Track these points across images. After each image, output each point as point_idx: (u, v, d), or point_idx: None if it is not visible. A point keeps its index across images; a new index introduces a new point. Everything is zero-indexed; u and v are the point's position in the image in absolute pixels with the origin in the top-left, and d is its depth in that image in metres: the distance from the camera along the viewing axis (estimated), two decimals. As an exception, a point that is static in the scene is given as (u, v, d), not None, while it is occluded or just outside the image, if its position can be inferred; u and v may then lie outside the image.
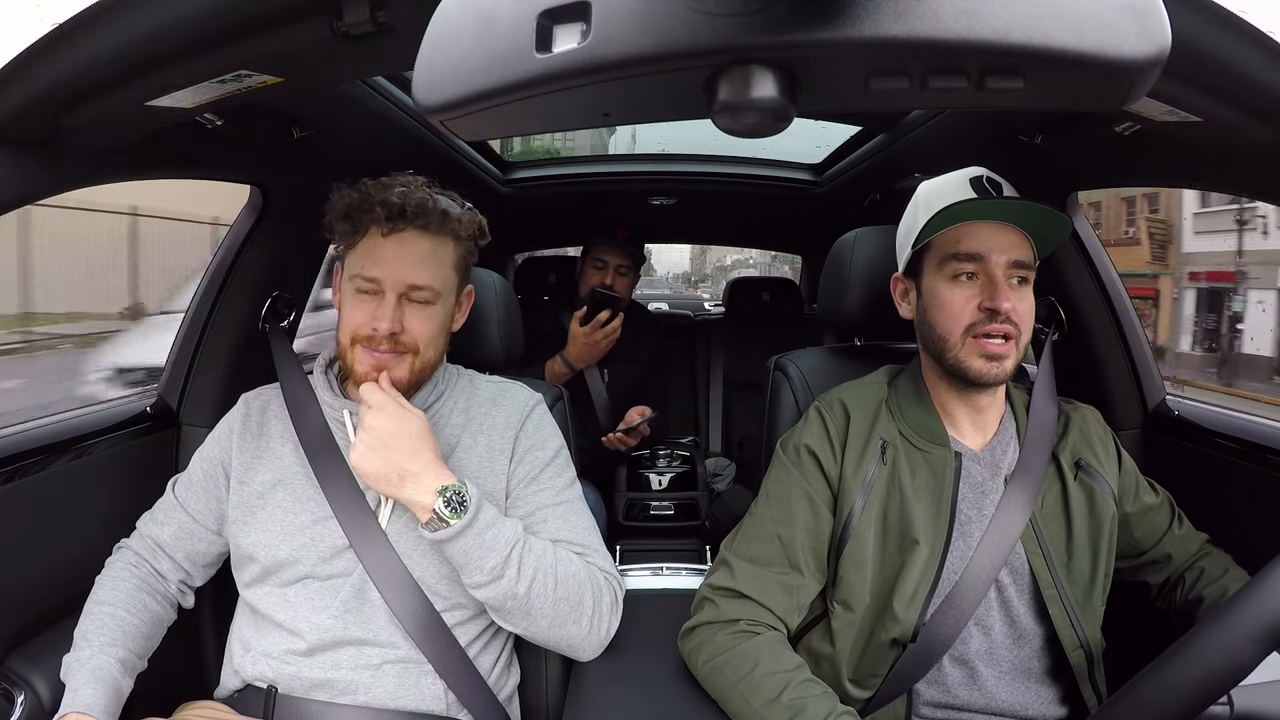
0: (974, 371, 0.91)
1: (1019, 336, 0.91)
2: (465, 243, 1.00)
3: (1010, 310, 0.89)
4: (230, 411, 1.09)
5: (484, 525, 0.88)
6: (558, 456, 1.05)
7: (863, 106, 0.46)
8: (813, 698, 0.83)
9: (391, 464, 0.89)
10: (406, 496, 0.89)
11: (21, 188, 0.83)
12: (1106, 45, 0.37)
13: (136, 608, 0.97)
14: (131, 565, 1.02)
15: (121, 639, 0.93)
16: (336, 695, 0.93)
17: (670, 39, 0.38)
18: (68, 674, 0.89)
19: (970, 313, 0.91)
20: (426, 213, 0.93)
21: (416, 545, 0.96)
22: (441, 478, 0.89)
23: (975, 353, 0.91)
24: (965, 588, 0.91)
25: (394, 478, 0.89)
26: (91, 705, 0.85)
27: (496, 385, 1.09)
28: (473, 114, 0.44)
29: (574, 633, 0.94)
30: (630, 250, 2.04)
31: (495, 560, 0.88)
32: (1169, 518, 1.03)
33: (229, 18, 0.66)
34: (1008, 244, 0.91)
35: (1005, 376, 0.92)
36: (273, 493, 0.99)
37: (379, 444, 0.89)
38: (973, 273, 0.92)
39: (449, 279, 0.98)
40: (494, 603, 0.91)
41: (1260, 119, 0.70)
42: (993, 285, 0.90)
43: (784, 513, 0.96)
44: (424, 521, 0.88)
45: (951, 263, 0.93)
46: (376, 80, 1.16)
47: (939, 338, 0.94)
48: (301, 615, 0.94)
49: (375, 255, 0.94)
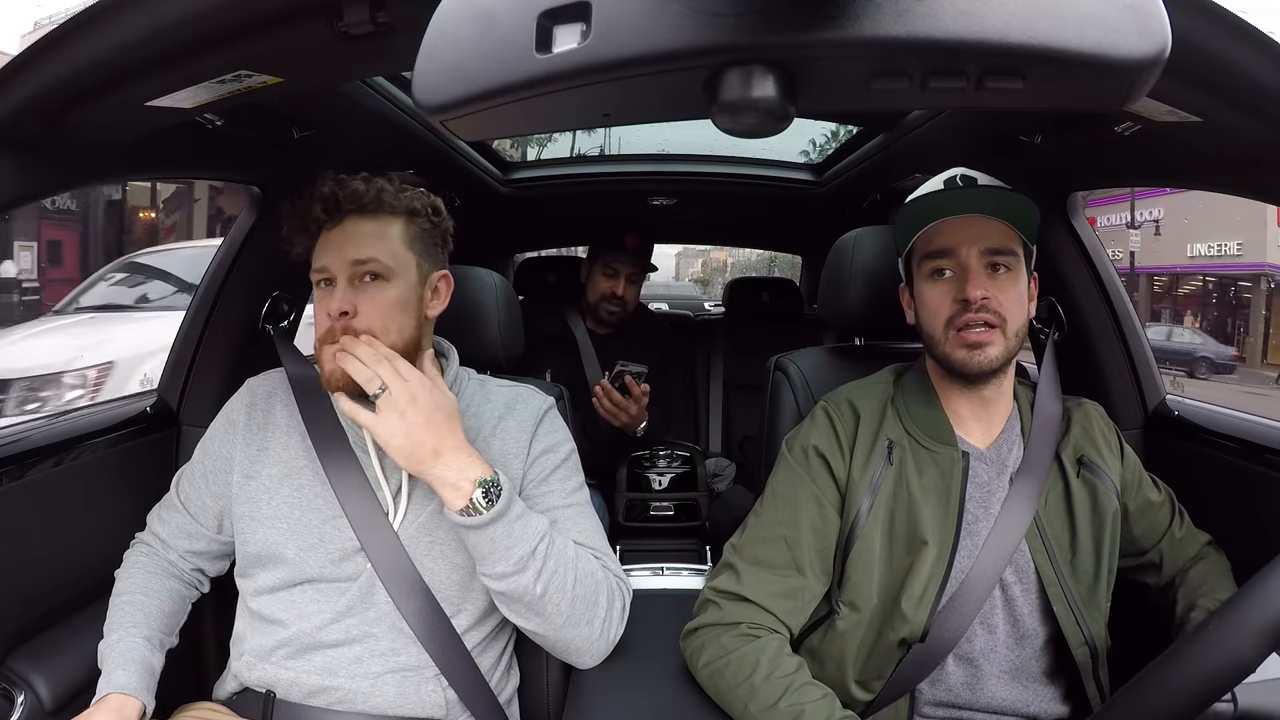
0: (958, 363, 0.92)
1: (1004, 325, 0.91)
2: (416, 220, 0.97)
3: (983, 298, 0.90)
4: (233, 399, 1.06)
5: (516, 515, 0.87)
6: (569, 460, 1.05)
7: (863, 106, 0.46)
8: (812, 702, 0.83)
9: (425, 440, 0.85)
10: (437, 474, 0.85)
11: (21, 188, 0.83)
12: (1106, 45, 0.37)
13: (153, 589, 0.99)
14: (144, 555, 1.03)
15: (143, 620, 0.95)
16: (335, 703, 0.92)
17: (670, 39, 0.38)
18: (101, 661, 0.91)
19: (948, 306, 0.92)
20: (360, 196, 0.94)
21: (429, 548, 0.95)
22: (477, 465, 0.87)
23: (957, 345, 0.92)
24: (971, 587, 0.91)
25: (427, 454, 0.85)
26: (125, 685, 0.88)
27: (510, 390, 1.08)
28: (473, 114, 0.43)
29: (585, 634, 0.93)
30: (640, 257, 2.03)
31: (523, 550, 0.87)
32: (1169, 517, 1.03)
33: (229, 18, 0.66)
34: (978, 234, 0.92)
35: (991, 364, 0.91)
36: (279, 487, 0.97)
37: (417, 416, 0.85)
38: (948, 268, 0.93)
39: (399, 254, 0.95)
40: (513, 594, 0.89)
41: (1260, 119, 0.70)
42: (964, 276, 0.91)
43: (790, 514, 0.95)
44: (458, 507, 0.85)
45: (927, 261, 0.94)
46: (376, 80, 1.16)
47: (928, 336, 0.95)
48: (304, 617, 0.93)
49: (323, 248, 0.95)
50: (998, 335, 0.91)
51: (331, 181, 0.94)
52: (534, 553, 0.87)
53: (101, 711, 0.85)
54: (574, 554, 0.93)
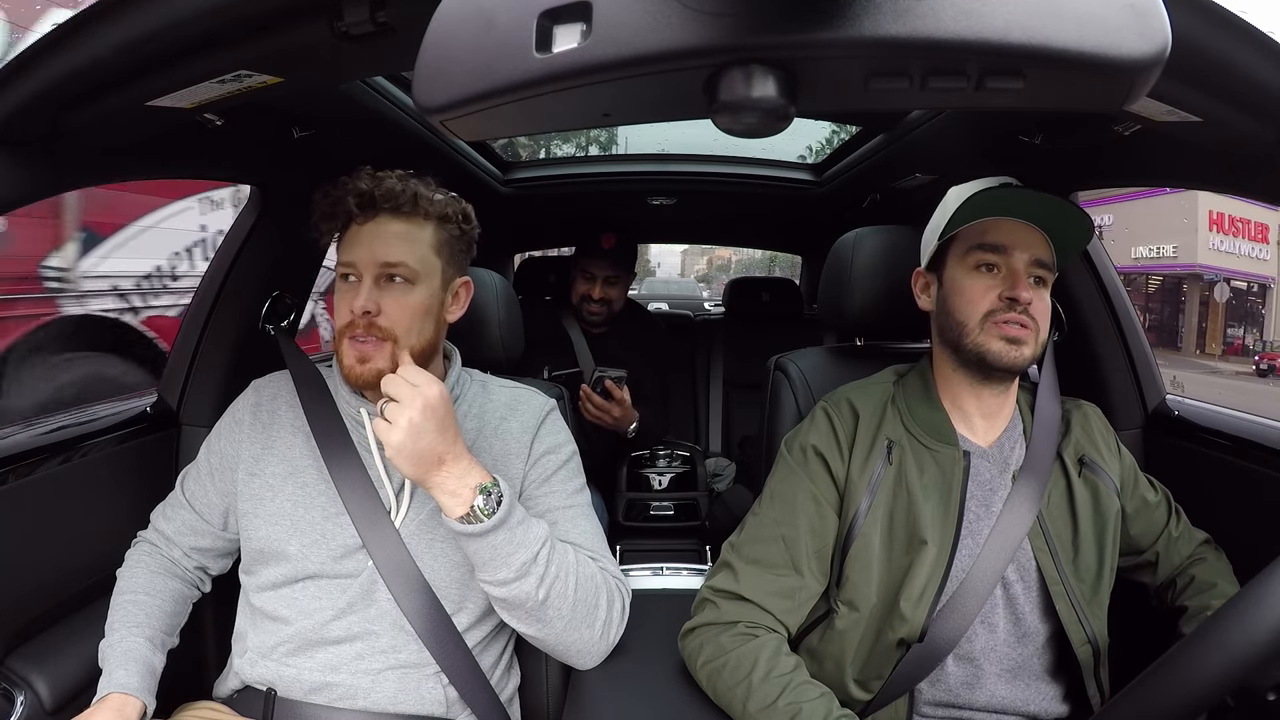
0: (993, 354, 0.92)
1: (1036, 331, 0.93)
2: (446, 226, 0.98)
3: (1028, 303, 0.91)
4: (239, 399, 1.07)
5: (517, 521, 0.87)
6: (570, 461, 1.05)
7: (863, 106, 0.46)
8: (809, 701, 0.83)
9: (434, 447, 0.85)
10: (439, 482, 0.85)
11: (21, 188, 0.83)
12: (1106, 45, 0.37)
13: (155, 589, 0.99)
14: (146, 554, 1.04)
15: (144, 620, 0.95)
16: (336, 700, 0.93)
17: (670, 39, 0.38)
18: (102, 660, 0.92)
19: (990, 300, 0.93)
20: (396, 196, 0.94)
21: (429, 546, 0.96)
22: (477, 473, 0.87)
23: (995, 335, 0.93)
24: (972, 586, 0.91)
25: (433, 461, 0.85)
26: (127, 684, 0.88)
27: (511, 390, 1.08)
28: (473, 114, 0.43)
29: (586, 637, 0.93)
30: (617, 259, 2.00)
31: (525, 556, 0.87)
32: (1166, 516, 1.03)
33: (229, 18, 0.66)
34: (1031, 241, 0.94)
35: (1023, 362, 0.93)
36: (283, 485, 0.98)
37: (426, 424, 0.84)
38: (995, 264, 0.94)
39: (427, 259, 0.96)
40: (514, 601, 0.89)
41: (1260, 119, 0.70)
42: (1014, 277, 0.93)
43: (788, 514, 0.96)
44: (459, 514, 0.85)
45: (976, 252, 0.95)
46: (376, 80, 1.16)
47: (958, 324, 0.95)
48: (307, 614, 0.94)
49: (352, 242, 0.95)
50: (1032, 338, 0.93)
51: (368, 176, 0.94)
52: (536, 558, 0.87)
53: (103, 711, 0.86)
54: (574, 558, 0.93)
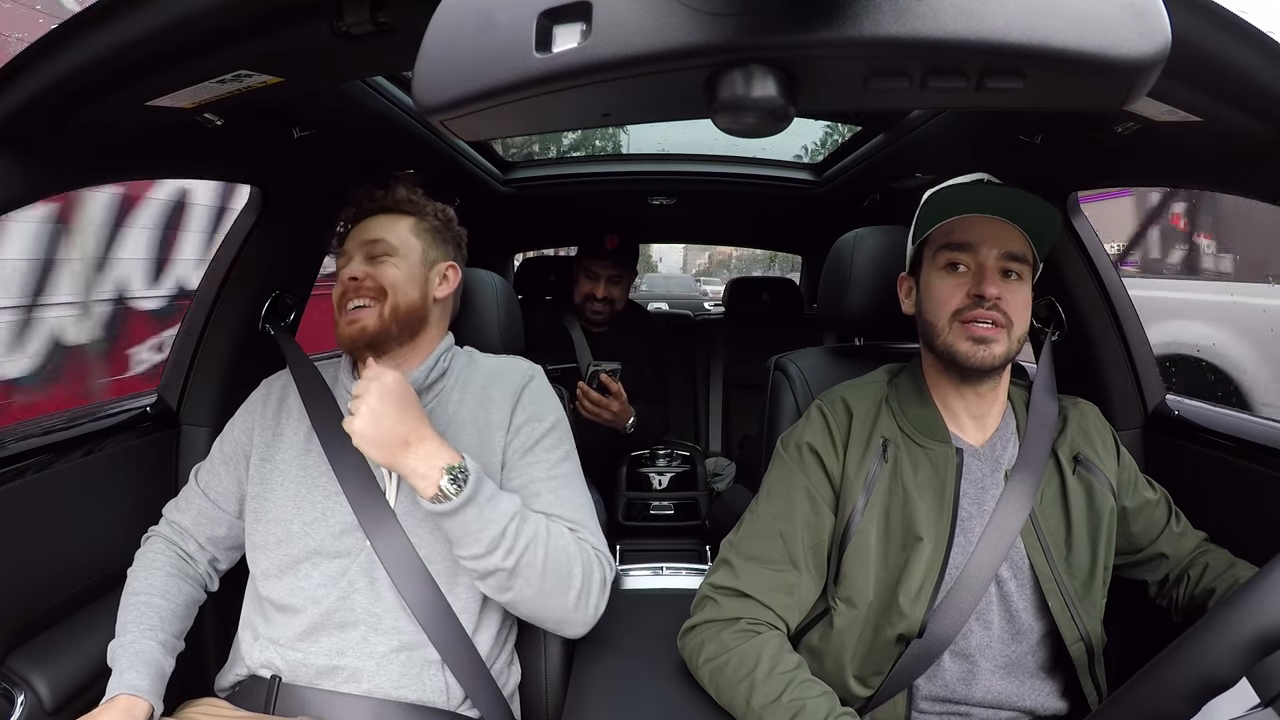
0: (961, 354, 0.92)
1: (1010, 327, 0.92)
2: (427, 218, 1.13)
3: (997, 298, 0.91)
4: (253, 395, 1.14)
5: (485, 498, 0.90)
6: (554, 429, 1.06)
7: (863, 106, 0.46)
8: (812, 698, 0.83)
9: (395, 431, 0.89)
10: (409, 465, 0.89)
11: (21, 188, 0.83)
12: (1106, 45, 0.37)
13: (170, 592, 1.01)
14: (160, 552, 1.05)
15: (159, 623, 0.97)
16: (341, 684, 0.94)
17: (670, 39, 0.38)
18: (112, 660, 0.93)
19: (958, 299, 0.93)
20: (380, 199, 1.12)
21: (423, 523, 0.98)
22: (445, 453, 0.90)
23: (962, 335, 0.93)
24: (967, 583, 0.92)
25: (398, 444, 0.89)
26: (137, 686, 0.90)
27: (496, 360, 1.14)
28: (473, 114, 0.43)
29: (559, 604, 0.95)
30: (620, 258, 2.03)
31: (494, 532, 0.89)
32: (1167, 514, 1.03)
33: (229, 18, 0.66)
34: (999, 236, 0.93)
35: (993, 361, 0.92)
36: (289, 468, 1.04)
37: (385, 409, 0.89)
38: (964, 263, 0.94)
39: (406, 240, 1.09)
40: (485, 572, 0.92)
41: (1260, 119, 0.70)
42: (981, 273, 0.93)
43: (785, 510, 0.96)
44: (429, 495, 0.88)
45: (944, 252, 0.95)
46: (376, 80, 1.16)
47: (929, 324, 0.96)
48: (309, 596, 0.96)
49: (349, 240, 1.10)
50: (1003, 335, 0.92)
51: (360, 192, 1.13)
52: (504, 533, 0.90)
53: (111, 711, 0.86)
54: (546, 529, 0.95)
